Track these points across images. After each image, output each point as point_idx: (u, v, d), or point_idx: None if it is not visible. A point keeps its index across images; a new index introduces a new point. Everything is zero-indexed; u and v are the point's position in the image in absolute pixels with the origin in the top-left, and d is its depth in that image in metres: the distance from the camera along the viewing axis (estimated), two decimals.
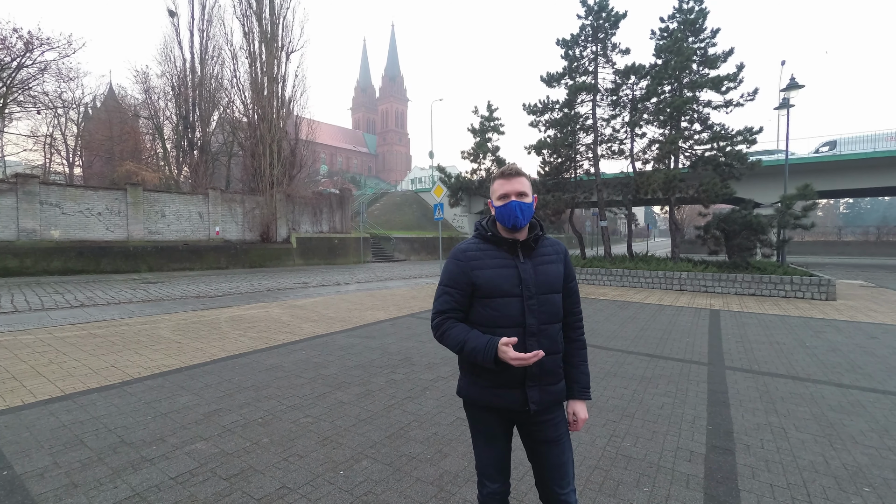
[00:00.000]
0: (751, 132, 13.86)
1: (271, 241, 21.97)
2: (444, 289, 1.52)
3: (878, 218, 70.93)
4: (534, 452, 1.55)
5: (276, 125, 22.43)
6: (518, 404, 1.46)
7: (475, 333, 1.43)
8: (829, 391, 4.06)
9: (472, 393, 1.53)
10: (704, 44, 14.70)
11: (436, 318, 1.52)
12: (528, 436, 1.55)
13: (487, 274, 1.46)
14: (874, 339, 6.26)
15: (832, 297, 10.26)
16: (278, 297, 10.58)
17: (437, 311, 1.52)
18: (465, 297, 1.49)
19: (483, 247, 1.52)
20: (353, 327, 6.85)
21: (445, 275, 1.53)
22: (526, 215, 1.47)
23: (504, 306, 1.44)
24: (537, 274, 1.47)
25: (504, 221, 1.48)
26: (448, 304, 1.50)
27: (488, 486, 1.54)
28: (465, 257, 1.51)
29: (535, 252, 1.52)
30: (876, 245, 39.47)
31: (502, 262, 1.48)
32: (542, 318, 1.45)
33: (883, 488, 2.43)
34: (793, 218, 12.62)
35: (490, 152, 21.26)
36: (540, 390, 1.46)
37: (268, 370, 4.57)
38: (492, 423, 1.54)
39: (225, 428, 3.15)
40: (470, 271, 1.48)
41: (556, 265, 1.52)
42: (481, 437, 1.56)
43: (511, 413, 1.51)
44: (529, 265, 1.48)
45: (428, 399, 3.77)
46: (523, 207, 1.45)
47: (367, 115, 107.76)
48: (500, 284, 1.44)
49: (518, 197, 1.46)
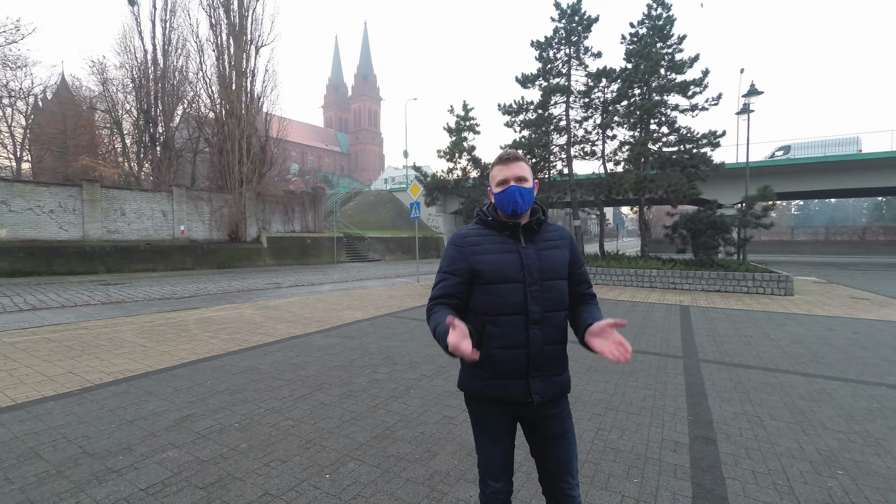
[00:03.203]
0: (715, 135, 14.47)
1: (241, 241, 21.24)
2: (442, 275, 1.47)
3: (825, 219, 75.91)
4: (539, 447, 1.50)
5: (246, 121, 21.69)
6: (521, 396, 1.40)
7: (442, 314, 1.36)
8: (797, 380, 4.25)
9: (473, 385, 1.47)
10: (672, 49, 15.25)
11: (429, 303, 1.48)
12: (533, 431, 1.49)
13: (488, 259, 1.41)
14: (832, 330, 6.63)
15: (790, 293, 10.82)
16: (250, 297, 10.20)
17: (433, 296, 1.47)
18: (462, 284, 1.44)
19: (484, 232, 1.48)
20: (330, 327, 6.67)
21: (445, 260, 1.48)
22: (527, 201, 1.42)
23: (506, 292, 1.38)
24: (540, 259, 1.42)
25: (504, 208, 1.44)
26: (443, 290, 1.45)
27: (491, 486, 1.48)
28: (465, 243, 1.46)
29: (538, 237, 1.47)
30: (825, 244, 42.20)
31: (504, 247, 1.43)
32: (546, 305, 1.40)
33: (854, 470, 2.54)
34: (754, 218, 13.25)
35: (466, 152, 21.31)
36: (544, 381, 1.41)
37: (243, 373, 4.37)
38: (495, 418, 1.47)
39: (199, 434, 2.97)
40: (470, 257, 1.43)
41: (560, 251, 1.47)
42: (484, 433, 1.49)
43: (514, 406, 1.45)
44: (532, 250, 1.43)
45: (413, 398, 3.69)
46: (523, 192, 1.41)
47: (339, 114, 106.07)
48: (501, 270, 1.39)
49: (518, 182, 1.42)
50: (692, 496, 2.28)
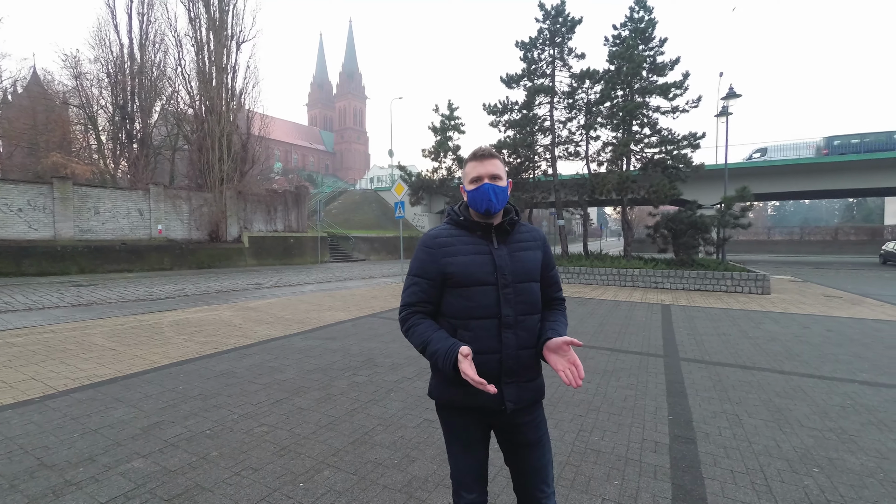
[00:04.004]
0: (695, 137, 14.74)
1: (221, 241, 20.77)
2: (413, 279, 1.41)
3: (800, 219, 78.41)
4: (513, 455, 1.45)
5: (226, 118, 21.22)
6: (494, 404, 1.34)
7: (440, 335, 1.32)
8: (774, 378, 4.31)
9: (445, 394, 1.41)
10: (653, 52, 15.46)
11: (403, 311, 1.42)
12: (507, 439, 1.44)
13: (460, 261, 1.36)
14: (806, 328, 6.79)
15: (767, 291, 11.08)
16: (229, 298, 9.96)
17: (405, 303, 1.41)
18: (434, 289, 1.39)
19: (455, 232, 1.43)
20: (311, 329, 6.54)
21: (415, 263, 1.42)
22: (500, 199, 1.38)
23: (478, 295, 1.33)
24: (513, 261, 1.38)
25: (477, 206, 1.39)
26: (416, 295, 1.39)
27: (465, 497, 1.42)
28: (436, 244, 1.40)
29: (510, 237, 1.42)
30: (800, 244, 43.52)
31: (476, 248, 1.38)
32: (519, 308, 1.35)
33: (829, 468, 2.57)
34: (732, 218, 13.53)
35: (451, 151, 21.27)
36: (517, 388, 1.36)
37: (217, 377, 4.23)
38: (468, 426, 1.41)
39: (167, 442, 2.84)
40: (441, 258, 1.37)
41: (533, 252, 1.43)
42: (457, 442, 1.44)
43: (487, 414, 1.39)
44: (505, 251, 1.39)
45: (393, 401, 3.62)
46: (497, 191, 1.36)
47: (323, 112, 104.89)
48: (473, 272, 1.34)
49: (491, 180, 1.37)
50: (672, 497, 2.26)
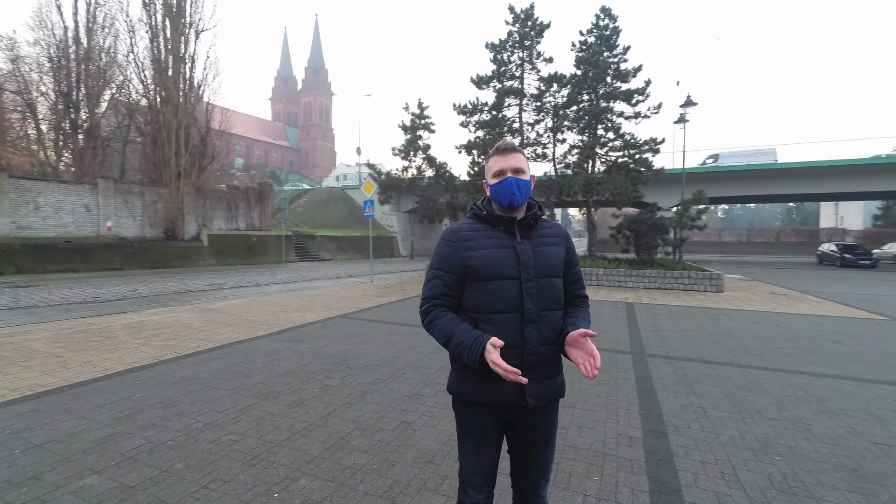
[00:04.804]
0: (655, 142, 15.39)
1: (178, 239, 19.72)
2: (435, 272, 1.40)
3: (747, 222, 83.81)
4: (521, 451, 1.45)
5: (184, 110, 20.18)
6: (515, 399, 1.33)
7: (464, 327, 1.31)
8: (733, 371, 4.54)
9: (464, 388, 1.40)
10: (618, 59, 16.01)
11: (424, 305, 1.41)
12: (518, 435, 1.44)
13: (482, 254, 1.35)
14: (757, 324, 7.22)
15: (721, 290, 11.71)
16: (188, 300, 9.45)
17: (427, 296, 1.40)
18: (456, 282, 1.38)
19: (477, 227, 1.42)
20: (278, 331, 6.29)
21: (437, 257, 1.41)
22: (524, 193, 1.37)
23: (500, 289, 1.33)
24: (536, 256, 1.37)
25: (500, 200, 1.37)
26: (438, 288, 1.38)
27: (472, 497, 1.39)
28: (458, 238, 1.39)
29: (534, 232, 1.42)
30: (747, 245, 46.51)
31: (499, 242, 1.37)
32: (542, 303, 1.34)
33: (789, 456, 2.72)
34: (689, 220, 14.24)
35: (421, 150, 21.20)
36: (538, 384, 1.34)
37: (178, 383, 3.98)
38: (484, 423, 1.40)
39: (125, 456, 2.63)
40: (463, 252, 1.37)
41: (557, 248, 1.42)
42: (470, 440, 1.42)
43: (506, 411, 1.38)
44: (528, 246, 1.38)
45: (369, 404, 3.53)
46: (520, 184, 1.35)
47: (288, 107, 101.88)
48: (495, 266, 1.34)
49: (515, 173, 1.36)
50: (649, 490, 2.32)
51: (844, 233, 47.48)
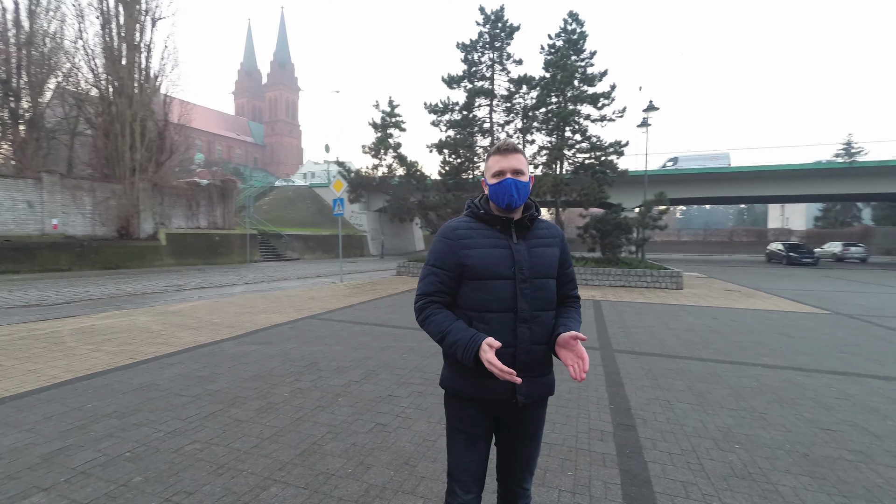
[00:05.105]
0: (620, 145, 15.93)
1: (132, 238, 18.65)
2: (431, 269, 1.41)
3: (703, 222, 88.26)
4: (507, 445, 1.48)
5: (140, 101, 19.08)
6: (506, 397, 1.35)
7: (459, 325, 1.33)
8: (694, 365, 4.76)
9: (457, 384, 1.41)
10: (584, 63, 16.45)
11: (419, 301, 1.42)
12: (507, 430, 1.46)
13: (478, 254, 1.36)
14: (715, 319, 7.60)
15: (681, 287, 12.27)
16: (145, 302, 8.95)
17: (422, 292, 1.42)
18: (452, 279, 1.40)
19: (475, 225, 1.43)
20: (244, 333, 6.06)
21: (433, 254, 1.43)
22: (522, 195, 1.38)
23: (495, 289, 1.34)
24: (532, 256, 1.39)
25: (498, 201, 1.39)
26: (434, 285, 1.40)
27: (460, 497, 1.39)
28: (455, 236, 1.41)
29: (530, 233, 1.43)
30: (703, 244, 48.98)
31: (495, 242, 1.38)
32: (536, 303, 1.36)
33: (748, 444, 2.87)
34: (652, 220, 14.82)
35: (392, 148, 21.01)
36: (530, 382, 1.36)
37: (136, 391, 3.75)
38: (474, 420, 1.41)
39: (76, 471, 2.45)
40: (459, 250, 1.38)
41: (552, 249, 1.44)
42: (460, 436, 1.42)
43: (496, 407, 1.39)
44: (524, 246, 1.39)
45: (341, 407, 3.45)
46: (519, 186, 1.36)
47: (252, 102, 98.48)
48: (491, 265, 1.35)
49: (514, 175, 1.37)
50: (621, 483, 2.39)
51: (789, 233, 50.90)
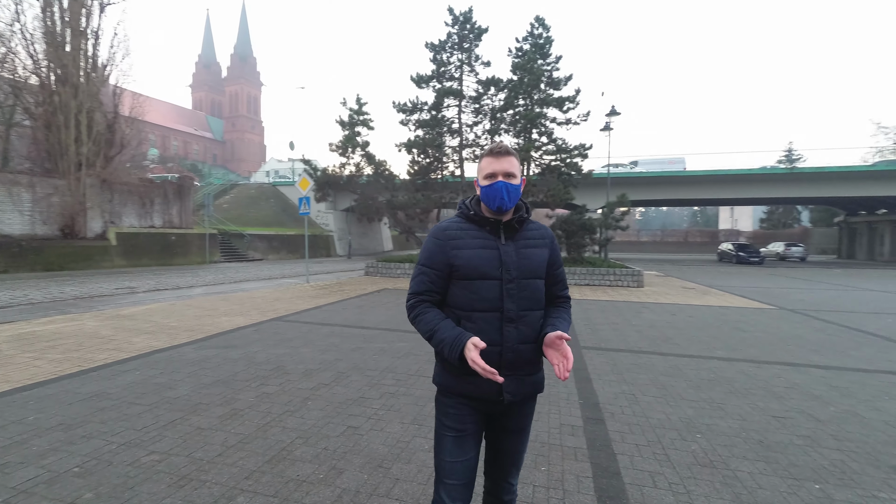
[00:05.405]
0: (584, 148, 16.41)
1: (78, 237, 17.39)
2: (422, 268, 1.45)
3: (660, 223, 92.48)
4: (495, 439, 1.49)
5: (86, 92, 17.83)
6: (493, 395, 1.37)
7: (447, 324, 1.35)
8: (656, 359, 4.96)
9: (447, 381, 1.44)
10: (551, 67, 16.82)
11: (411, 300, 1.46)
12: (497, 425, 1.48)
13: (467, 254, 1.40)
14: (674, 315, 7.97)
15: (641, 285, 12.78)
16: (93, 305, 8.36)
17: (413, 291, 1.46)
18: (442, 279, 1.43)
19: (465, 226, 1.46)
20: (205, 337, 5.78)
21: (424, 254, 1.46)
22: (513, 198, 1.40)
23: (482, 289, 1.37)
24: (520, 257, 1.41)
25: (489, 203, 1.41)
26: (424, 284, 1.43)
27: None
28: (445, 236, 1.43)
29: (519, 234, 1.46)
30: (661, 244, 51.33)
31: (483, 243, 1.42)
32: (522, 303, 1.38)
33: (708, 433, 3.02)
34: (614, 220, 15.35)
35: (360, 147, 20.70)
36: (517, 381, 1.38)
37: (84, 401, 3.49)
38: (464, 417, 1.41)
39: (16, 490, 2.25)
40: (449, 250, 1.41)
41: (540, 250, 1.47)
42: (449, 434, 1.41)
43: (485, 404, 1.41)
44: (512, 248, 1.42)
45: (311, 410, 3.35)
46: (510, 189, 1.39)
47: (211, 96, 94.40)
48: (478, 265, 1.38)
49: (506, 178, 1.39)
50: (592, 475, 2.45)
51: (738, 234, 54.20)
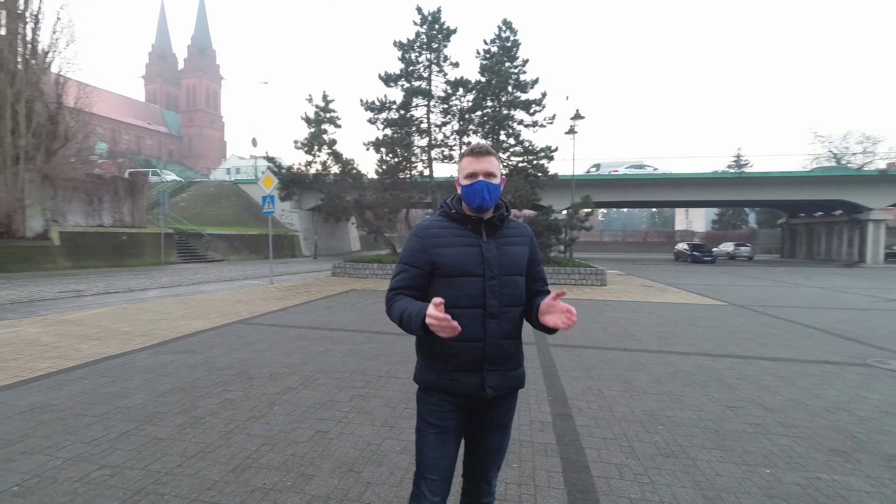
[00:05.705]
0: (550, 150, 16.77)
1: (16, 237, 16.05)
2: (402, 266, 1.47)
3: (621, 224, 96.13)
4: (476, 434, 1.50)
5: (24, 79, 16.48)
6: (475, 390, 1.39)
7: (417, 304, 1.35)
8: (620, 355, 5.14)
9: (429, 377, 1.45)
10: (518, 70, 17.08)
11: (389, 294, 1.47)
12: (477, 420, 1.48)
13: (449, 252, 1.42)
14: (636, 312, 8.29)
15: (604, 283, 13.23)
16: (33, 310, 7.74)
17: (392, 287, 1.47)
18: (422, 276, 1.44)
19: (447, 224, 1.48)
20: (160, 342, 5.47)
21: (406, 252, 1.48)
22: (493, 197, 1.43)
23: (465, 286, 1.40)
24: (501, 255, 1.44)
25: (470, 202, 1.44)
26: (403, 281, 1.45)
27: (429, 500, 1.38)
28: (427, 234, 1.45)
29: (500, 232, 1.49)
30: (622, 244, 53.36)
31: (465, 241, 1.44)
32: (504, 299, 1.41)
33: (670, 425, 3.16)
34: (579, 221, 15.80)
35: (326, 145, 20.26)
36: (499, 376, 1.41)
37: (24, 414, 3.22)
38: (445, 412, 1.42)
39: None
40: (431, 248, 1.43)
41: (520, 247, 1.50)
42: (430, 430, 1.42)
43: (467, 399, 1.42)
44: (493, 245, 1.45)
45: (277, 416, 3.24)
46: (490, 188, 1.42)
47: (166, 89, 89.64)
48: (461, 263, 1.41)
49: (486, 177, 1.42)
50: (562, 470, 2.50)
51: (693, 234, 57.16)
